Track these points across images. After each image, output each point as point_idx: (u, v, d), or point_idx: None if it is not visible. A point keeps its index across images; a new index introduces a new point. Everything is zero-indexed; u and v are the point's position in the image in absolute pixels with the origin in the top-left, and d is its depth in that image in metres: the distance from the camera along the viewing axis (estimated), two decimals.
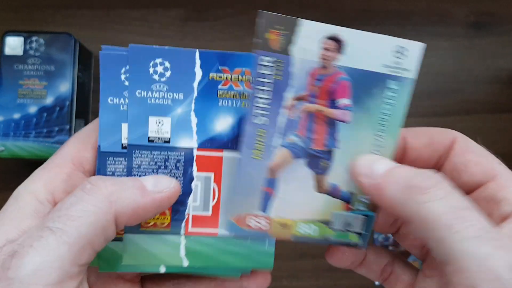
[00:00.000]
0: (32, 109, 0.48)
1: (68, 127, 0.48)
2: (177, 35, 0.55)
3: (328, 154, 0.25)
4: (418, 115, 0.55)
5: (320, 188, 0.26)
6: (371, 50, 0.24)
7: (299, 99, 0.24)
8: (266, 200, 0.26)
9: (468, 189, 0.25)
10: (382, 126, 0.25)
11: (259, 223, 0.26)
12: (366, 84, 0.24)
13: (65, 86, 0.49)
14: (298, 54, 0.23)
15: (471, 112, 0.55)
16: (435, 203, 0.21)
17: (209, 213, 0.26)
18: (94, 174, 0.26)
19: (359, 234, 0.26)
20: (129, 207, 0.22)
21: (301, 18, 0.24)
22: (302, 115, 0.24)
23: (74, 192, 0.21)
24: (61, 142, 0.48)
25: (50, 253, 0.19)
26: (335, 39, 0.23)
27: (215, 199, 0.26)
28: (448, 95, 0.55)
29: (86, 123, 0.53)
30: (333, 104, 0.24)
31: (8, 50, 0.48)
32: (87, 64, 0.53)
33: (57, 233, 0.19)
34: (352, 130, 0.25)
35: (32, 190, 0.23)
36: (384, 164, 0.24)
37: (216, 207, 0.26)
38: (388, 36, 0.24)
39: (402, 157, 0.26)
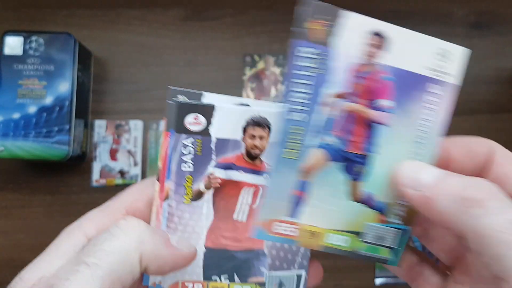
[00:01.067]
0: (32, 109, 0.48)
1: (67, 127, 0.48)
2: (177, 35, 0.55)
3: (364, 158, 0.24)
4: None
5: (354, 196, 0.24)
6: (414, 50, 0.22)
7: (339, 96, 0.22)
8: (296, 205, 0.24)
9: (475, 169, 0.24)
10: (422, 132, 0.23)
11: (287, 229, 0.24)
12: (407, 85, 0.22)
13: (64, 86, 0.49)
14: (341, 48, 0.22)
15: (471, 112, 0.55)
16: (492, 217, 0.19)
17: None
18: None
19: (391, 248, 0.25)
20: (153, 253, 0.23)
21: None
22: (341, 114, 0.23)
23: (110, 228, 0.23)
24: (60, 142, 0.48)
25: (85, 287, 0.20)
26: (380, 35, 0.22)
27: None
28: None
29: (85, 123, 0.53)
30: (373, 105, 0.23)
31: (7, 50, 0.48)
32: (86, 64, 0.53)
33: (92, 268, 0.21)
34: (391, 134, 0.23)
35: (84, 229, 0.24)
36: (431, 172, 0.22)
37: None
38: (432, 37, 0.23)
39: (446, 168, 0.24)
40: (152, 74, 0.55)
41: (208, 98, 0.26)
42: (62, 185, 0.53)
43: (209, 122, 0.25)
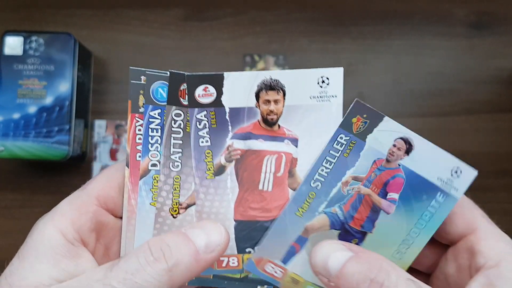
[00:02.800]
0: (32, 109, 0.48)
1: (67, 127, 0.48)
2: (177, 35, 0.55)
3: (361, 234, 0.27)
4: (418, 115, 0.55)
5: None
6: (433, 161, 0.26)
7: (357, 179, 0.26)
8: (290, 254, 0.27)
9: (452, 240, 0.26)
10: (417, 228, 0.26)
11: (274, 271, 0.27)
12: (418, 188, 0.26)
13: (64, 86, 0.49)
14: (371, 143, 0.26)
15: (471, 112, 0.55)
16: None
17: None
18: (116, 212, 0.27)
19: None
20: (185, 276, 0.23)
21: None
22: (353, 194, 0.26)
23: (139, 255, 0.22)
24: (60, 142, 0.48)
25: None
26: (406, 141, 0.26)
27: None
28: (448, 95, 0.55)
29: (85, 123, 0.53)
30: (383, 194, 0.26)
31: (7, 50, 0.48)
32: (86, 64, 0.53)
33: None
34: (390, 222, 0.26)
35: (59, 227, 0.24)
36: (338, 258, 0.24)
37: None
38: (451, 155, 0.26)
39: None
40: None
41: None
42: (62, 185, 0.53)
43: (220, 92, 0.26)
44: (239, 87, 0.26)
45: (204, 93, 0.25)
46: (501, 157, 0.54)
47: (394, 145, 0.26)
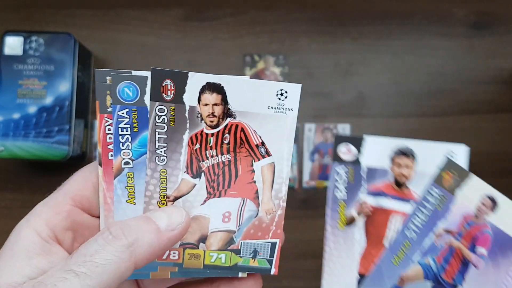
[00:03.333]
0: (32, 109, 0.48)
1: (67, 127, 0.48)
2: (177, 35, 0.55)
3: (451, 286, 0.29)
4: (418, 115, 0.55)
5: None
6: None
7: (448, 232, 0.29)
8: None
9: None
10: (504, 285, 0.28)
11: None
12: (504, 245, 0.28)
13: (64, 86, 0.49)
14: (461, 198, 0.28)
15: (471, 112, 0.55)
16: None
17: None
18: (93, 211, 0.27)
19: None
20: (147, 252, 0.23)
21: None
22: (445, 246, 0.29)
23: (97, 238, 0.22)
24: (60, 142, 0.48)
25: None
26: (492, 200, 0.28)
27: None
28: (448, 95, 0.55)
29: (85, 123, 0.53)
30: (472, 248, 0.28)
31: (7, 50, 0.48)
32: (86, 64, 0.53)
33: (81, 277, 0.21)
34: (479, 276, 0.28)
35: (34, 227, 0.24)
36: None
37: None
38: None
39: None
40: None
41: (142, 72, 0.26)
42: None
43: (359, 152, 0.29)
44: (376, 150, 0.29)
45: (347, 151, 0.29)
46: (501, 157, 0.54)
47: (483, 203, 0.28)
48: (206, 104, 0.26)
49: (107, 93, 0.26)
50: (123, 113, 0.26)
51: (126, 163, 0.27)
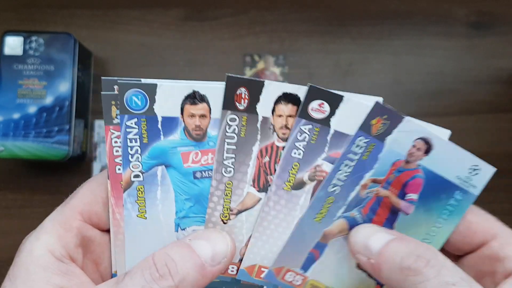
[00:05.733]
0: (32, 109, 0.48)
1: (67, 127, 0.48)
2: (177, 35, 0.55)
3: None
4: (418, 115, 0.55)
5: (360, 265, 0.27)
6: (451, 160, 0.26)
7: (376, 181, 0.26)
8: (309, 261, 0.27)
9: (471, 249, 0.26)
10: (435, 227, 0.26)
11: (295, 279, 0.27)
12: (437, 187, 0.26)
13: (64, 86, 0.49)
14: (390, 144, 0.25)
15: (471, 112, 0.55)
16: (428, 283, 0.21)
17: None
18: (102, 226, 0.26)
19: None
20: None
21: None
22: (372, 197, 0.26)
23: (144, 273, 0.22)
24: (60, 142, 0.48)
25: None
26: (426, 141, 0.25)
27: None
28: (448, 95, 0.55)
29: (85, 123, 0.53)
30: (402, 195, 0.26)
31: (7, 50, 0.48)
32: (86, 64, 0.53)
33: None
34: (409, 222, 0.26)
35: (46, 246, 0.23)
36: (380, 239, 0.24)
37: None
38: (469, 153, 0.26)
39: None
40: (152, 74, 0.55)
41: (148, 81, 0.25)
42: (62, 185, 0.53)
43: (332, 112, 0.25)
44: (350, 113, 0.25)
45: (318, 109, 0.25)
46: (501, 157, 0.54)
47: (414, 146, 0.26)
48: (280, 115, 0.25)
49: (112, 104, 0.25)
50: (131, 123, 0.25)
51: (136, 176, 0.25)
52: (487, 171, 0.26)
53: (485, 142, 0.55)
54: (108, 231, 0.26)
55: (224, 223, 0.26)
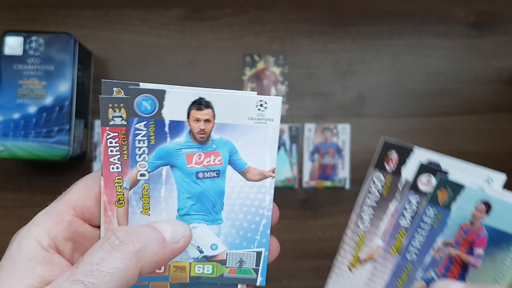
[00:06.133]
0: (32, 109, 0.48)
1: (67, 127, 0.48)
2: (177, 35, 0.55)
3: None
4: (418, 115, 0.55)
5: None
6: (509, 215, 0.28)
7: (447, 244, 0.29)
8: None
9: None
10: (501, 273, 0.29)
11: None
12: (499, 240, 0.29)
13: (64, 86, 0.49)
14: (456, 211, 0.28)
15: (471, 112, 0.55)
16: None
17: None
18: (93, 222, 0.27)
19: None
20: (152, 261, 0.23)
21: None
22: (444, 257, 0.29)
23: (103, 245, 0.22)
24: (60, 142, 0.48)
25: None
26: (486, 204, 0.28)
27: None
28: (448, 95, 0.55)
29: (85, 123, 0.53)
30: (470, 251, 0.29)
31: (7, 50, 0.48)
32: (86, 64, 0.53)
33: (89, 287, 0.21)
34: (477, 273, 0.29)
35: (35, 236, 0.24)
36: (455, 287, 0.27)
37: None
38: None
39: None
40: (152, 74, 0.55)
41: (145, 87, 0.26)
42: (62, 185, 0.53)
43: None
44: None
45: (427, 182, 0.29)
46: (501, 157, 0.54)
47: (476, 208, 0.28)
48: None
49: (109, 106, 0.26)
50: (140, 126, 0.26)
51: (142, 175, 0.27)
52: None
53: (485, 142, 0.55)
54: (99, 226, 0.27)
55: (350, 270, 0.30)
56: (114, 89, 0.26)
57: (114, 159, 0.26)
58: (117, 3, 0.55)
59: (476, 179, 0.29)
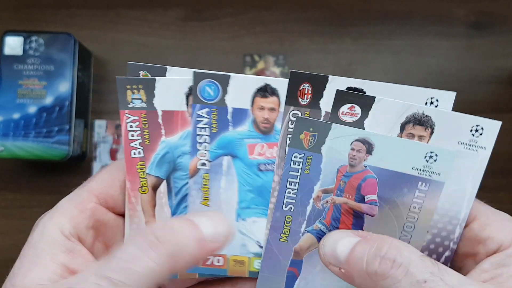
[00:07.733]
0: (32, 109, 0.48)
1: (67, 127, 0.48)
2: (177, 35, 0.55)
3: None
4: None
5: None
6: (400, 153, 0.25)
7: (327, 191, 0.26)
8: (291, 280, 0.27)
9: None
10: (410, 222, 0.25)
11: None
12: (395, 183, 0.25)
13: (64, 86, 0.49)
14: (328, 153, 0.25)
15: (471, 112, 0.55)
16: (399, 284, 0.21)
17: None
18: (117, 210, 0.26)
19: None
20: (187, 262, 0.21)
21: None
22: (329, 206, 0.26)
23: (138, 241, 0.20)
24: (60, 142, 0.48)
25: None
26: (364, 142, 0.25)
27: None
28: None
29: (85, 123, 0.53)
30: (360, 199, 0.26)
31: (7, 50, 0.48)
32: (86, 64, 0.53)
33: (118, 286, 0.19)
34: (378, 223, 0.26)
35: (57, 224, 0.23)
36: (345, 245, 0.23)
37: None
38: (420, 142, 0.25)
39: None
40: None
41: (171, 72, 0.26)
42: (62, 185, 0.53)
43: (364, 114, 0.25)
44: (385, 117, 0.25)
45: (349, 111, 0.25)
46: (501, 157, 0.54)
47: (353, 149, 0.25)
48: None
49: (127, 88, 0.25)
50: (202, 113, 0.25)
51: (203, 164, 0.26)
52: (448, 155, 0.25)
53: None
54: (122, 215, 0.26)
55: None
56: (141, 72, 0.25)
57: (135, 144, 0.25)
58: (117, 3, 0.55)
59: (416, 100, 0.26)
